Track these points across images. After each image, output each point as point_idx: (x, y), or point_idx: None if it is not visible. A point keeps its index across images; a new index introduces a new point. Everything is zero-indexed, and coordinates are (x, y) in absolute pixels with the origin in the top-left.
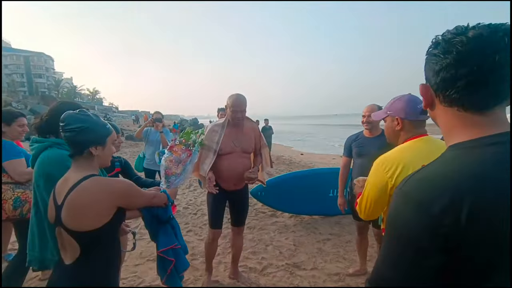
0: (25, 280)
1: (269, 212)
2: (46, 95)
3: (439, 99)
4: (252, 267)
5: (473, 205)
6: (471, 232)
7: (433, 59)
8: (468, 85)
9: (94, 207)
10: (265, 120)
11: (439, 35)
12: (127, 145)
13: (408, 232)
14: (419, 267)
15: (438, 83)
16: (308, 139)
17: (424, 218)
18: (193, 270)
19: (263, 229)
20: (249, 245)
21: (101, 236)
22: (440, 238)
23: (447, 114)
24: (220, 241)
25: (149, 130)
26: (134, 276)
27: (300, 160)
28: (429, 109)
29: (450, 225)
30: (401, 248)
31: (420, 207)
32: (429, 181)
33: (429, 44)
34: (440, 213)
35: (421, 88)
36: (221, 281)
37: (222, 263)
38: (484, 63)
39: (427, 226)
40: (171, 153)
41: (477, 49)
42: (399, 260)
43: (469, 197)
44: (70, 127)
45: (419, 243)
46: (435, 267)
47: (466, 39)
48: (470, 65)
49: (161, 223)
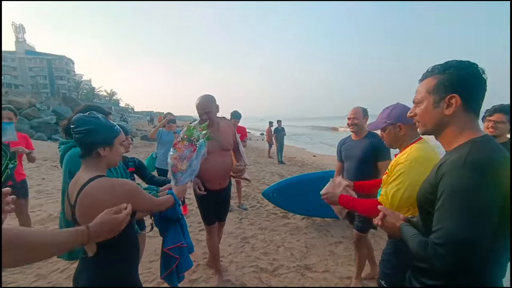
0: (47, 273)
1: (280, 214)
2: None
3: (465, 107)
4: (263, 268)
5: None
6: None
7: (478, 80)
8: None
9: (100, 208)
10: (278, 121)
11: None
12: (142, 145)
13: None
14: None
15: (475, 98)
16: (321, 141)
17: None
18: (206, 268)
19: (274, 230)
20: (261, 245)
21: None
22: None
23: (465, 117)
24: (231, 240)
25: (162, 131)
26: (148, 272)
27: (312, 162)
28: (447, 112)
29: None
30: (483, 211)
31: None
32: (497, 161)
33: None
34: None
35: (454, 98)
36: (233, 280)
37: (234, 262)
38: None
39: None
40: (175, 150)
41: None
42: (477, 221)
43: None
44: (78, 129)
45: (493, 207)
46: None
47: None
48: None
49: (170, 221)
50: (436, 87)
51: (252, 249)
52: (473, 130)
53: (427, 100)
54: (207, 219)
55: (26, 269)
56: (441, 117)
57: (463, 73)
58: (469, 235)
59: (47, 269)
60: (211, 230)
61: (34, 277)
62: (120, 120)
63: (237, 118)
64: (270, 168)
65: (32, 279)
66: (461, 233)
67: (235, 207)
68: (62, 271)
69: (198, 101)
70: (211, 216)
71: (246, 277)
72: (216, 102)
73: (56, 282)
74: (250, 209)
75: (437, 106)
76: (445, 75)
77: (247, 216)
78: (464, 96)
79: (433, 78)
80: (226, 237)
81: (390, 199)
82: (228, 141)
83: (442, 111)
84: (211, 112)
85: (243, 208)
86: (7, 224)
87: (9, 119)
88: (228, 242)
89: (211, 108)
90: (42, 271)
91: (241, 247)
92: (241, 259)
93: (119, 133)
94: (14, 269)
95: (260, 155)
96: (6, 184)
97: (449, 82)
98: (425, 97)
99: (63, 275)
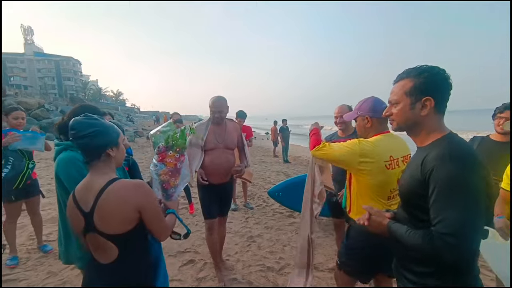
0: (58, 270)
1: (286, 213)
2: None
3: (436, 108)
4: (270, 267)
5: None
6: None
7: (447, 84)
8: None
9: (126, 210)
10: (283, 120)
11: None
12: (148, 145)
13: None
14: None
15: (445, 100)
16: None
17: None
18: (213, 266)
19: (280, 230)
20: (267, 244)
21: (138, 235)
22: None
23: (439, 117)
24: (238, 239)
25: None
26: None
27: None
28: (423, 113)
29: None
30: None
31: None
32: (474, 154)
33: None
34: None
35: (428, 101)
36: (239, 279)
37: (240, 261)
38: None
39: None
40: (165, 165)
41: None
42: (474, 206)
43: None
44: (83, 133)
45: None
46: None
47: (451, 80)
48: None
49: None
50: (413, 90)
51: (259, 248)
52: (441, 128)
53: (403, 101)
54: (207, 212)
55: (38, 267)
56: (417, 117)
57: (436, 79)
58: (473, 219)
59: (58, 267)
60: (211, 225)
61: (45, 274)
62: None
63: (242, 118)
64: (275, 167)
65: (43, 276)
66: (466, 218)
67: (241, 206)
68: (73, 268)
69: (213, 100)
70: (211, 209)
71: (252, 276)
72: (227, 104)
73: (66, 280)
74: (256, 208)
75: (413, 107)
76: (421, 79)
77: (253, 215)
78: (437, 99)
79: (409, 81)
80: (233, 236)
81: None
82: (232, 141)
83: (418, 112)
84: (223, 111)
85: (249, 207)
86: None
87: (22, 119)
88: (235, 241)
89: (223, 108)
90: (53, 268)
91: (248, 246)
92: (248, 258)
93: (120, 132)
94: (26, 266)
95: (265, 154)
96: (26, 183)
97: (425, 86)
98: (402, 98)
99: (74, 273)
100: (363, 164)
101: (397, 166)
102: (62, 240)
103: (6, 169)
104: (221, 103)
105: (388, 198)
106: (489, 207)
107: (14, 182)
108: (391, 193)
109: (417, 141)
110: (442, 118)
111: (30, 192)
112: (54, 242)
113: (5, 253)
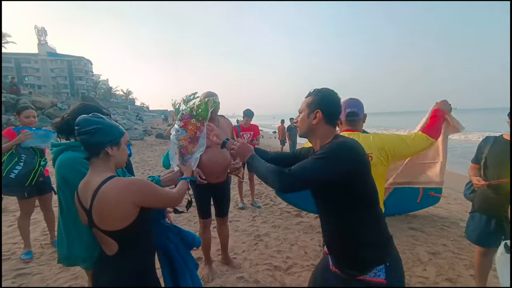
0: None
1: (294, 212)
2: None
3: (326, 120)
4: (277, 266)
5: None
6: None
7: (334, 103)
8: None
9: (119, 208)
10: (291, 119)
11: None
12: (157, 143)
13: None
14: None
15: (336, 115)
16: None
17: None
18: (219, 264)
19: (288, 229)
20: (274, 243)
21: (135, 230)
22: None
23: (328, 127)
24: (245, 238)
25: None
26: None
27: None
28: (314, 122)
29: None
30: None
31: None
32: (351, 143)
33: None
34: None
35: (318, 113)
36: (246, 277)
37: (248, 259)
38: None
39: (353, 159)
40: (185, 131)
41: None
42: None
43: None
44: (84, 129)
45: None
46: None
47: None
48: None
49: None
50: (311, 103)
51: (266, 247)
52: (331, 137)
53: (304, 112)
54: (202, 212)
55: (51, 261)
56: (310, 125)
57: (327, 98)
58: (312, 172)
59: None
60: (205, 224)
61: (58, 268)
62: (136, 119)
63: (249, 116)
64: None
65: (56, 270)
66: (308, 168)
67: (248, 205)
68: None
69: (203, 96)
70: (205, 209)
71: (260, 275)
72: (218, 100)
73: (78, 274)
74: (263, 207)
75: (309, 117)
76: (317, 96)
77: (260, 214)
78: (325, 112)
79: (311, 97)
80: (240, 235)
81: None
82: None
83: (311, 120)
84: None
85: (256, 206)
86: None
87: (34, 117)
88: (242, 239)
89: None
90: None
91: (255, 245)
92: (255, 257)
93: (123, 133)
94: (40, 260)
95: None
96: (39, 180)
97: (318, 101)
98: (304, 109)
99: None
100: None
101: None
102: (63, 242)
103: (19, 166)
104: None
105: None
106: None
107: (26, 179)
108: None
109: (315, 147)
110: (333, 130)
111: (43, 189)
112: None
113: (20, 248)
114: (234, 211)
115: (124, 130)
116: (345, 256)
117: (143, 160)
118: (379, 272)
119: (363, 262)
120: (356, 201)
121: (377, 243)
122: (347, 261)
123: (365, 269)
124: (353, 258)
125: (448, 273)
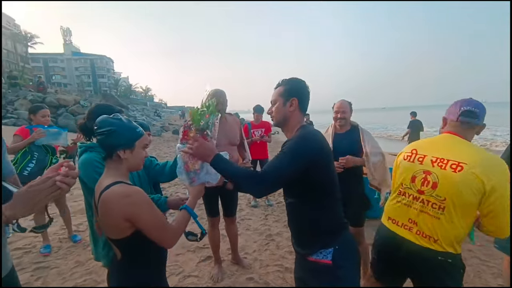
0: (85, 260)
1: None
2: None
3: (300, 107)
4: (288, 267)
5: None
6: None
7: (306, 91)
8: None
9: (112, 219)
10: (306, 115)
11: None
12: (173, 139)
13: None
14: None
15: (306, 102)
16: None
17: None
18: (230, 264)
19: None
20: (286, 244)
21: (136, 242)
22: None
23: (301, 114)
24: (256, 237)
25: None
26: (175, 265)
27: None
28: (291, 109)
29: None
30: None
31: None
32: (314, 134)
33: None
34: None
35: (294, 100)
36: (256, 278)
37: (258, 260)
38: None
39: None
40: (185, 145)
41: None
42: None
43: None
44: (100, 130)
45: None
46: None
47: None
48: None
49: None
50: (283, 92)
51: (277, 247)
52: (301, 123)
53: (279, 101)
54: (210, 211)
55: (67, 256)
56: (286, 112)
57: (300, 86)
58: (282, 168)
59: (85, 257)
60: (213, 222)
61: (74, 263)
62: (154, 115)
63: (260, 112)
64: None
65: (72, 265)
66: (277, 166)
67: (261, 203)
68: None
69: (212, 92)
70: (213, 208)
71: (270, 276)
72: (226, 98)
73: (92, 270)
74: (276, 205)
75: (285, 105)
76: (289, 85)
77: (273, 213)
78: (300, 100)
79: (282, 87)
80: (251, 234)
81: None
82: (235, 136)
83: (288, 108)
84: (224, 104)
85: (269, 204)
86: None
87: (48, 116)
88: (253, 238)
89: (223, 100)
90: (81, 258)
91: (266, 245)
92: (266, 257)
93: (140, 136)
94: (58, 254)
95: None
96: None
97: (291, 90)
98: (277, 99)
99: (99, 263)
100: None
101: (418, 162)
102: (91, 237)
103: (32, 164)
104: (220, 97)
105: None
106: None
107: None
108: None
109: (287, 134)
110: (303, 116)
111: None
112: (83, 232)
113: (40, 241)
114: (246, 209)
115: (143, 131)
116: (299, 236)
117: (159, 156)
118: (328, 254)
119: (313, 244)
120: (314, 188)
121: (329, 228)
122: (301, 241)
123: (315, 250)
124: (305, 239)
125: (474, 282)
